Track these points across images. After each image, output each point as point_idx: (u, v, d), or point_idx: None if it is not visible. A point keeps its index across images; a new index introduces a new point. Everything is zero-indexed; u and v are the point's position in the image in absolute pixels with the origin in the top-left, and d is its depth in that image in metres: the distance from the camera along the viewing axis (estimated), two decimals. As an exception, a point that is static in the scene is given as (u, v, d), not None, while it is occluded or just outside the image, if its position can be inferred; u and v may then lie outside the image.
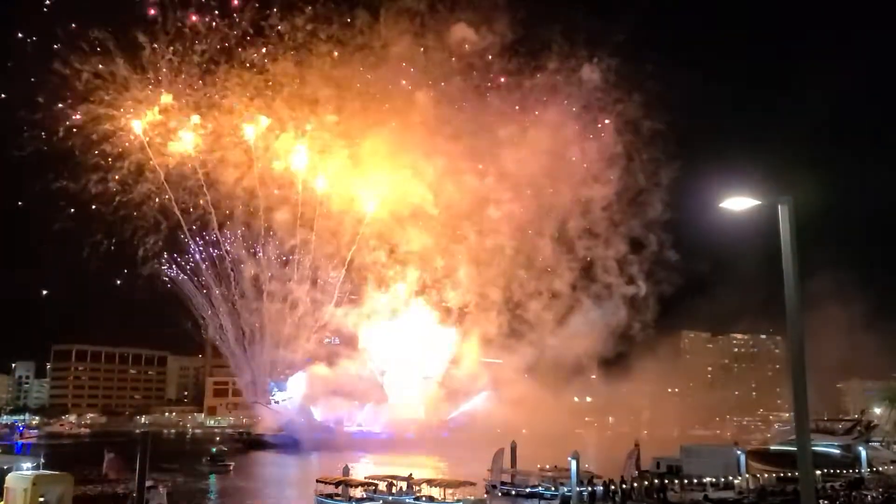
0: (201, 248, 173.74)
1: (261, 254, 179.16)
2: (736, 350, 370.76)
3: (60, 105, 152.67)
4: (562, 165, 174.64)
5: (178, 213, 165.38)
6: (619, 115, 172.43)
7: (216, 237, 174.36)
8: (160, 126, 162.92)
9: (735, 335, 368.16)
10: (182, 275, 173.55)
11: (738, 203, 16.49)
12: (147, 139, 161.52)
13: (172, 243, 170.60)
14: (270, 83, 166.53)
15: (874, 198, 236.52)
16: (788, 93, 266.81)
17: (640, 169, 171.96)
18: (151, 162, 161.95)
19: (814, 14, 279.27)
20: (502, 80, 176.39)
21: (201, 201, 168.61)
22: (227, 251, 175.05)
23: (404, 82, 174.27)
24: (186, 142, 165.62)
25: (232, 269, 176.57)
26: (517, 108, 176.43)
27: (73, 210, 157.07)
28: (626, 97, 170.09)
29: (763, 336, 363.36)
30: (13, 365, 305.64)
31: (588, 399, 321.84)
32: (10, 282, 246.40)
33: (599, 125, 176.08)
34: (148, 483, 47.73)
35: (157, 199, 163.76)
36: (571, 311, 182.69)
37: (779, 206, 16.05)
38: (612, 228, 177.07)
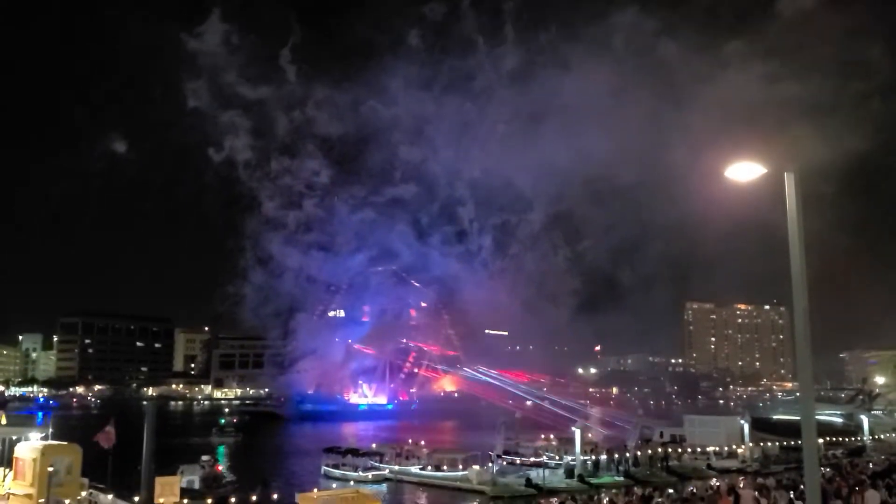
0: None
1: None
2: (739, 321, 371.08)
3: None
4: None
5: None
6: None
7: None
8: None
9: (739, 306, 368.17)
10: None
11: (744, 171, 15.81)
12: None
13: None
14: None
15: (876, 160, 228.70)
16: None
17: None
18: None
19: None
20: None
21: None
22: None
23: None
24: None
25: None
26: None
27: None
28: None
29: (767, 307, 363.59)
30: (20, 337, 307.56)
31: (592, 370, 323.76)
32: (18, 255, 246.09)
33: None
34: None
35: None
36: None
37: (785, 175, 15.54)
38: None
